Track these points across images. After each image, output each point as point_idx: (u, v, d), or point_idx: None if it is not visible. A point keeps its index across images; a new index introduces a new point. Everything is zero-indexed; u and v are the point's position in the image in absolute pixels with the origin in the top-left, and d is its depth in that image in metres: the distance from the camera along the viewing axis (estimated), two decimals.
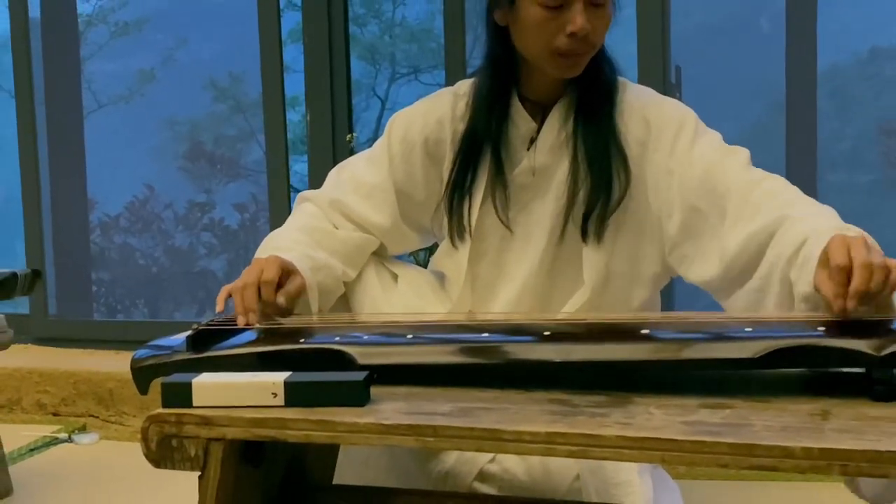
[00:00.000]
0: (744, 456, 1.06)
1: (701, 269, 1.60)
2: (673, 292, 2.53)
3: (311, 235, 1.67)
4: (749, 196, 1.54)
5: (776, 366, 1.23)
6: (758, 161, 1.65)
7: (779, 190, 1.55)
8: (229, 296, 1.52)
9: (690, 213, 1.61)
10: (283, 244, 1.63)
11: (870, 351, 1.18)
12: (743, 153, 1.62)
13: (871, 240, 1.36)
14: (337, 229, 1.72)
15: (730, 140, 1.67)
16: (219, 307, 1.52)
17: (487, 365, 1.32)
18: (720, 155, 1.62)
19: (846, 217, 1.46)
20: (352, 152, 2.85)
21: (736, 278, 1.54)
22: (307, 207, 1.76)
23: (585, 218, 1.66)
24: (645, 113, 1.68)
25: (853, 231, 1.39)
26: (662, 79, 2.48)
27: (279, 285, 1.51)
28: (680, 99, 1.76)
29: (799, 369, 1.29)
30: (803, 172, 2.48)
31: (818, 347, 1.21)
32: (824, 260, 1.31)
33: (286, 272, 1.53)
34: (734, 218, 1.54)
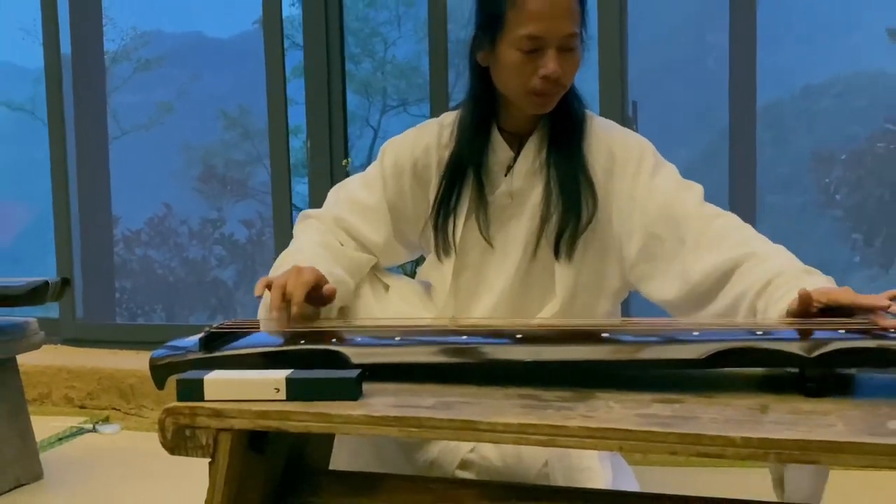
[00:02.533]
0: (691, 445, 1.07)
1: (660, 288, 1.61)
2: (630, 302, 2.54)
3: (329, 251, 1.65)
4: (708, 228, 1.56)
5: (720, 365, 1.23)
6: (705, 183, 1.66)
7: (737, 226, 1.57)
8: (267, 287, 1.48)
9: (649, 238, 1.62)
10: (306, 258, 1.59)
11: (802, 353, 1.18)
12: (698, 188, 1.64)
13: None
14: (342, 246, 1.71)
15: (681, 164, 1.69)
16: (257, 292, 1.49)
17: (467, 364, 1.32)
18: (678, 187, 1.63)
19: (783, 232, 1.48)
20: (347, 175, 2.85)
21: (697, 301, 1.54)
22: (314, 224, 1.74)
23: (557, 238, 1.66)
24: (610, 145, 1.68)
25: (818, 274, 1.42)
26: (621, 113, 2.50)
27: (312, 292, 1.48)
28: (636, 130, 1.77)
29: (740, 368, 1.30)
30: (745, 195, 2.49)
31: (757, 349, 1.22)
32: (806, 303, 1.30)
33: (320, 280, 1.49)
34: (694, 246, 1.55)
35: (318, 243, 1.66)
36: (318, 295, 1.49)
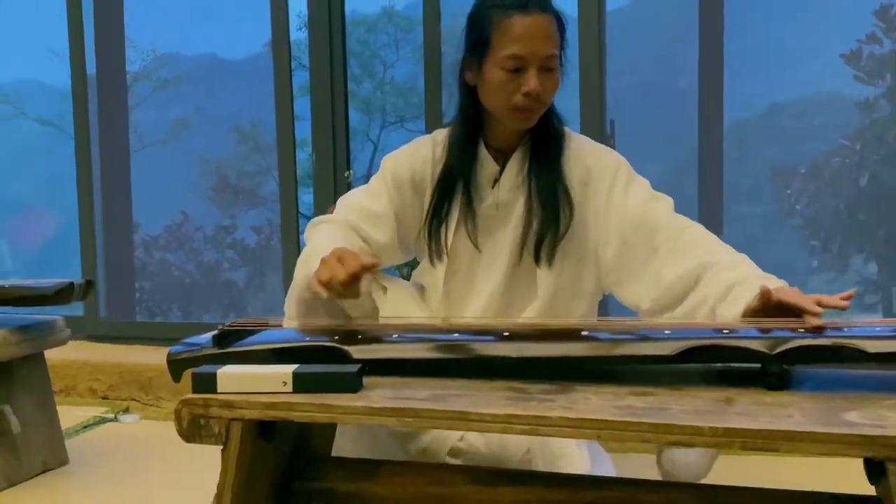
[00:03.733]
0: (663, 434, 1.07)
1: (634, 292, 1.62)
2: (607, 303, 2.54)
3: (344, 242, 1.62)
4: (678, 238, 1.57)
5: (690, 361, 1.23)
6: (676, 195, 1.67)
7: (704, 236, 1.58)
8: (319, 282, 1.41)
9: (623, 246, 1.62)
10: (329, 247, 1.53)
11: (764, 350, 1.19)
12: (669, 200, 1.65)
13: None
14: (356, 243, 1.69)
15: (654, 178, 1.69)
16: (314, 287, 1.42)
17: (458, 359, 1.32)
18: (650, 200, 1.64)
19: (747, 239, 1.49)
20: (349, 186, 2.85)
21: (666, 305, 1.55)
22: (325, 227, 1.71)
23: (538, 245, 1.66)
24: (586, 160, 1.69)
25: (774, 279, 1.43)
26: (600, 130, 2.50)
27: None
28: (613, 147, 1.78)
29: (708, 364, 1.30)
30: (712, 205, 2.50)
31: (724, 346, 1.22)
32: (766, 299, 1.32)
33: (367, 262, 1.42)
34: (666, 254, 1.56)
35: (334, 238, 1.65)
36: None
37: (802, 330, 1.23)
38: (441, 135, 1.77)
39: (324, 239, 1.62)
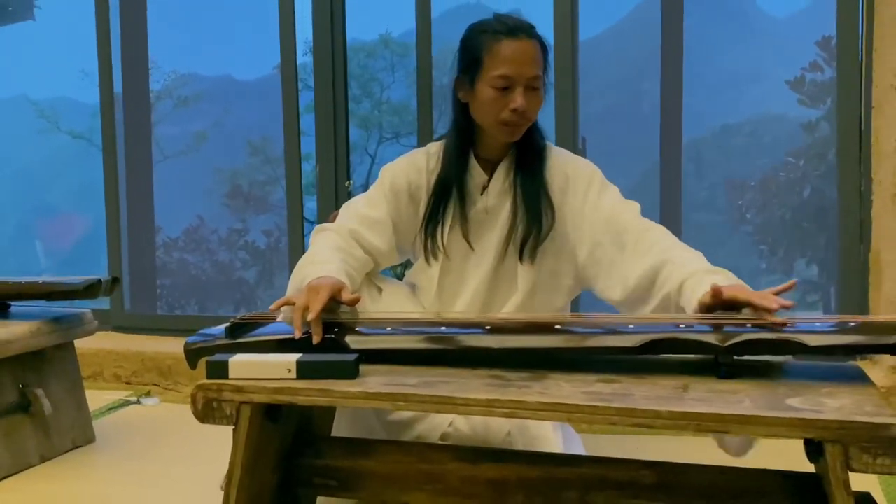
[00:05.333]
0: (627, 417, 1.07)
1: (606, 287, 1.61)
2: (580, 300, 2.54)
3: (340, 253, 1.62)
4: (641, 238, 1.57)
5: (651, 352, 1.23)
6: (641, 203, 1.68)
7: (663, 236, 1.57)
8: (285, 304, 1.44)
9: (595, 246, 1.62)
10: (324, 258, 1.57)
11: (717, 343, 1.19)
12: (636, 205, 1.65)
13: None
14: (350, 249, 1.69)
15: (621, 189, 1.69)
16: (271, 307, 1.45)
17: (445, 350, 1.32)
18: (620, 205, 1.64)
19: (703, 244, 1.50)
20: (349, 195, 2.84)
21: (637, 300, 1.55)
22: (328, 234, 1.69)
23: (522, 244, 1.67)
24: (565, 169, 1.69)
25: (721, 272, 1.42)
26: (573, 147, 2.50)
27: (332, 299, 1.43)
28: None
29: (667, 355, 1.30)
30: (672, 214, 2.50)
31: (681, 339, 1.22)
32: (717, 296, 1.31)
33: (337, 290, 1.44)
34: (631, 253, 1.57)
35: (331, 247, 1.64)
36: (336, 302, 1.45)
37: (751, 325, 1.23)
38: (434, 147, 1.76)
39: (321, 248, 1.62)
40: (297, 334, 1.35)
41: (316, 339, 1.35)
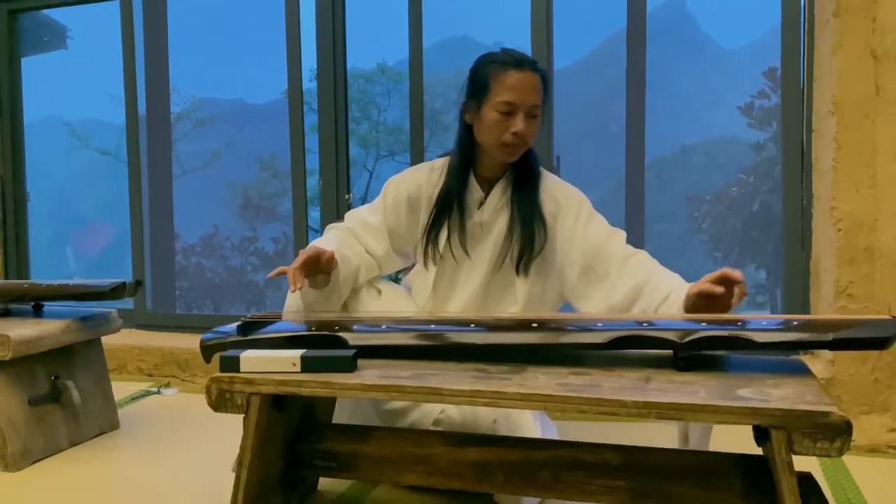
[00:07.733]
0: (595, 406, 1.08)
1: (589, 305, 1.62)
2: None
3: (338, 241, 1.66)
4: (626, 263, 1.58)
5: (618, 347, 1.24)
6: (607, 216, 1.68)
7: (646, 261, 1.58)
8: (282, 272, 1.49)
9: (586, 269, 1.62)
10: (321, 241, 1.64)
11: (675, 339, 1.20)
12: (622, 234, 1.65)
13: None
14: (349, 237, 1.71)
15: (591, 200, 1.69)
16: (270, 274, 1.50)
17: (434, 346, 1.32)
18: (607, 233, 1.64)
19: (665, 251, 1.51)
20: (349, 207, 2.83)
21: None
22: (332, 230, 1.73)
23: (519, 259, 1.66)
24: (557, 195, 1.69)
25: None
26: (549, 165, 2.50)
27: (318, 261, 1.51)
28: (560, 177, 1.78)
29: (632, 350, 1.31)
30: (636, 224, 2.50)
31: (643, 336, 1.23)
32: (693, 300, 1.37)
33: (321, 252, 1.51)
34: (616, 277, 1.58)
35: (330, 236, 1.69)
36: (321, 262, 1.51)
37: (706, 323, 1.24)
38: (439, 162, 1.76)
39: (322, 238, 1.68)
40: (293, 288, 1.43)
41: (292, 288, 1.43)
